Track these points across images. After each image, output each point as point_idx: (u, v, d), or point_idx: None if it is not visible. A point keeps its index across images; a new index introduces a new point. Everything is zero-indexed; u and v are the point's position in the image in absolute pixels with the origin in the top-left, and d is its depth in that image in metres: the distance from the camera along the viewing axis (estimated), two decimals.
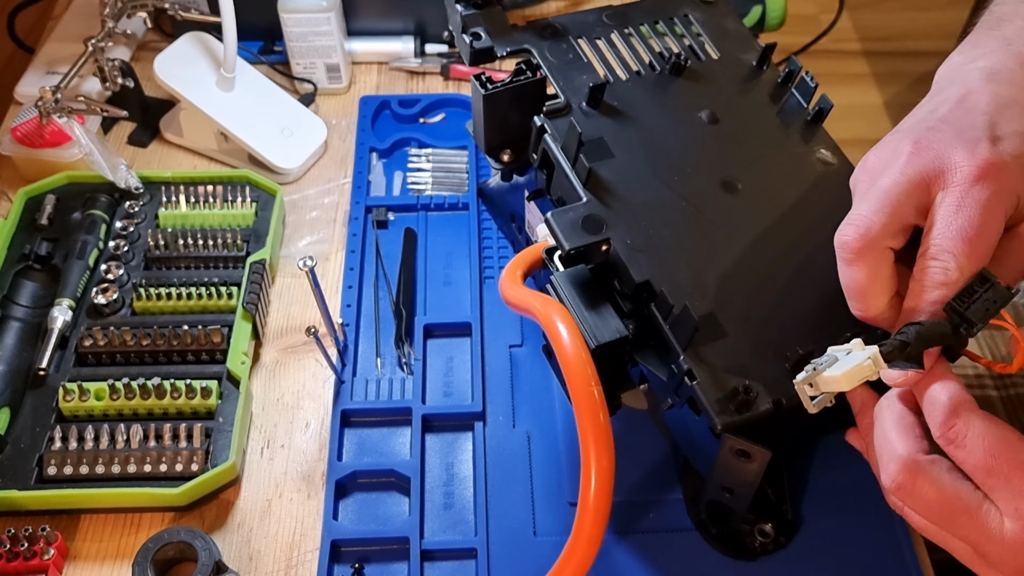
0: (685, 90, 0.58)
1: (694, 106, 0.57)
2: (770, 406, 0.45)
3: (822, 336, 0.47)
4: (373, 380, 0.65)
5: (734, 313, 0.49)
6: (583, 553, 0.46)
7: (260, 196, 0.73)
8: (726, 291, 0.49)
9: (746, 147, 0.56)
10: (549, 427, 0.63)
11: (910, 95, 1.88)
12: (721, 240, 0.52)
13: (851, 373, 0.41)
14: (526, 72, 0.58)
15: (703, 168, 0.54)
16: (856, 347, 0.42)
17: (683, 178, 0.54)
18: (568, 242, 0.49)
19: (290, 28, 0.81)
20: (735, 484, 0.51)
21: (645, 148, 0.55)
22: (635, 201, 0.52)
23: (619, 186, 0.53)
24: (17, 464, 0.58)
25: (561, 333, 0.47)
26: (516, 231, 0.69)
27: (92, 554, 0.58)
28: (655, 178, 0.53)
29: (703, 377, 0.46)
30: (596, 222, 0.50)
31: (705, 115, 0.57)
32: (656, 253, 0.50)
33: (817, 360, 0.43)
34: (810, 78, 0.57)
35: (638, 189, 0.53)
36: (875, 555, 0.57)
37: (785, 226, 0.53)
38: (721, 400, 0.45)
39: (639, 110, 0.57)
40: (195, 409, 0.61)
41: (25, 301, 0.67)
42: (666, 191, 0.53)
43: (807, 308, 0.50)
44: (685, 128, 0.56)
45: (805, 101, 0.58)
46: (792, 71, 0.58)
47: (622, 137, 0.55)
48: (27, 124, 0.75)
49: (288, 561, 0.57)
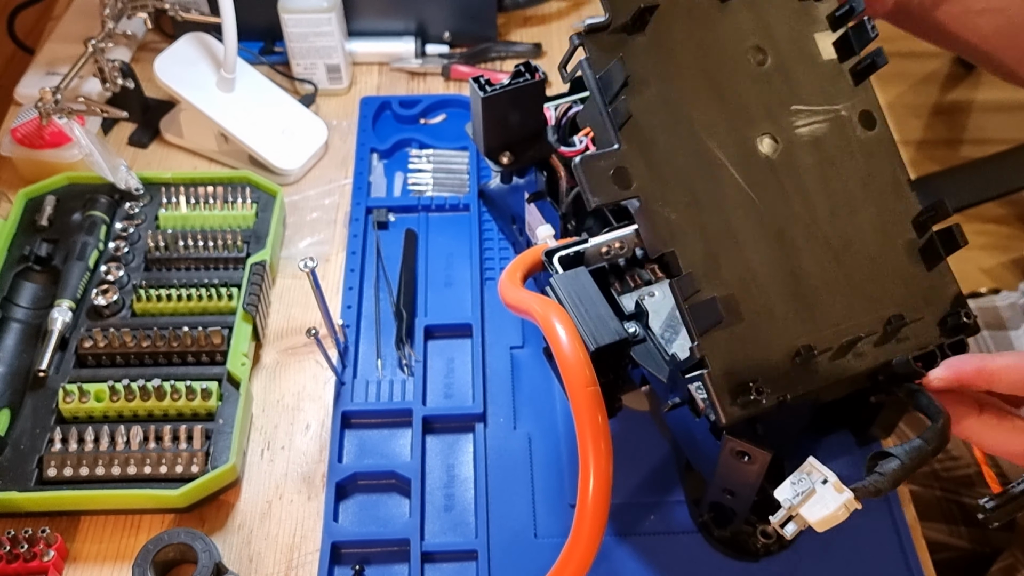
0: (736, 19, 0.51)
1: (744, 39, 0.51)
2: (775, 403, 0.45)
3: (827, 326, 0.47)
4: (374, 381, 0.65)
5: (752, 299, 0.46)
6: (582, 554, 0.45)
7: (260, 197, 0.73)
8: (747, 275, 0.47)
9: (791, 95, 0.51)
10: (550, 429, 0.63)
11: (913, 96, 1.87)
12: (751, 212, 0.48)
13: (826, 520, 0.43)
14: (525, 74, 0.58)
15: (746, 121, 0.49)
16: (834, 484, 0.43)
17: (722, 131, 0.49)
18: (596, 196, 0.44)
19: (290, 29, 0.81)
20: (736, 486, 0.51)
21: (686, 89, 0.49)
22: (669, 154, 0.47)
23: (655, 133, 0.47)
24: (17, 466, 0.58)
25: (559, 335, 0.47)
26: (517, 233, 0.69)
27: (92, 556, 0.58)
28: (692, 127, 0.48)
29: (714, 367, 0.44)
30: (627, 175, 0.45)
31: (753, 53, 0.51)
32: (684, 220, 0.46)
33: (794, 477, 0.43)
34: (870, 25, 0.51)
35: (673, 139, 0.47)
36: (876, 555, 0.57)
37: (816, 206, 0.49)
38: (730, 393, 0.44)
39: (685, 38, 0.50)
40: (195, 411, 0.61)
41: (25, 302, 0.67)
42: (702, 146, 0.48)
43: (825, 301, 0.48)
44: (731, 66, 0.50)
45: (859, 47, 0.52)
46: (852, 8, 0.52)
47: (663, 71, 0.48)
48: (27, 125, 0.75)
49: (288, 563, 0.57)
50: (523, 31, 0.92)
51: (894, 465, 0.44)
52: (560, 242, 0.55)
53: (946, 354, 0.49)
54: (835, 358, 0.47)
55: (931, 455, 0.44)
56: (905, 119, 1.76)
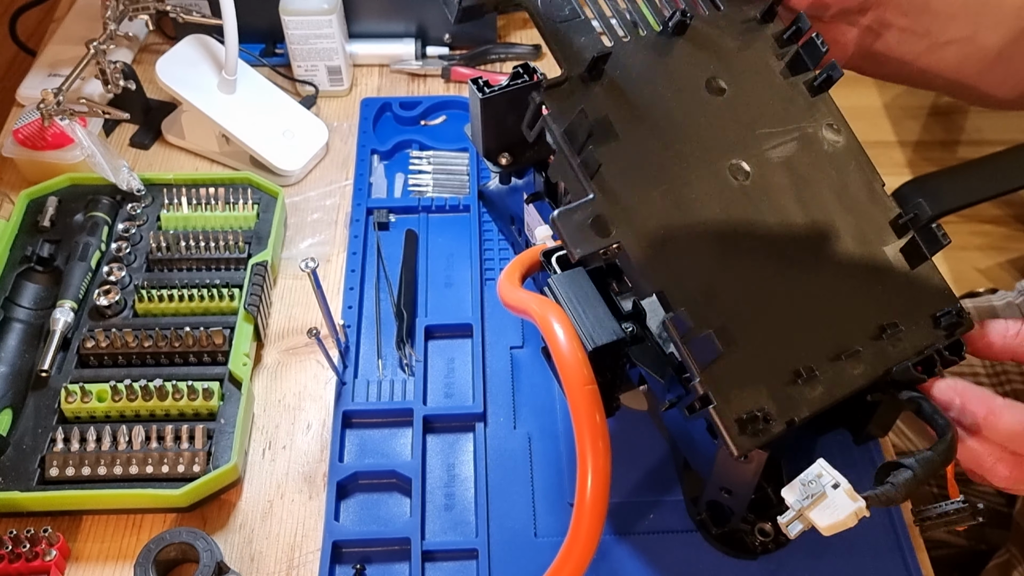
0: (689, 53, 0.52)
1: (699, 72, 0.52)
2: (784, 427, 0.45)
3: (825, 339, 0.47)
4: (374, 381, 0.65)
5: (742, 322, 0.47)
6: (580, 553, 0.46)
7: (262, 198, 0.73)
8: (736, 298, 0.47)
9: (753, 121, 0.52)
10: (550, 428, 0.63)
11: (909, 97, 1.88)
12: (732, 239, 0.48)
13: (835, 526, 0.43)
14: (523, 76, 0.58)
15: (711, 150, 0.50)
16: (846, 491, 0.43)
17: (692, 165, 0.49)
18: (578, 248, 0.45)
19: (291, 30, 0.81)
20: (734, 484, 0.51)
21: (649, 127, 0.50)
22: (644, 194, 0.48)
23: (627, 176, 0.48)
24: (19, 465, 0.59)
25: (557, 335, 0.47)
26: (516, 233, 0.70)
27: (94, 555, 0.58)
28: (662, 165, 0.49)
29: (720, 401, 0.44)
30: (605, 223, 0.46)
31: (712, 84, 0.52)
32: (667, 255, 0.47)
33: (803, 478, 0.44)
34: (820, 40, 0.53)
35: (646, 179, 0.48)
36: (875, 554, 0.57)
37: (793, 221, 0.50)
38: (738, 424, 0.44)
39: (642, 80, 0.51)
40: (197, 410, 0.61)
41: (27, 303, 0.67)
42: (675, 183, 0.48)
43: (811, 311, 0.48)
44: (691, 101, 0.51)
45: (812, 63, 0.53)
46: (800, 28, 0.54)
47: (625, 115, 0.49)
48: (29, 126, 0.75)
49: (290, 562, 0.58)
50: (523, 33, 0.93)
51: (906, 476, 0.44)
52: (558, 242, 0.55)
53: (944, 356, 0.49)
54: (836, 373, 0.47)
55: (940, 467, 0.45)
56: (901, 120, 1.76)
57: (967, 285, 0.98)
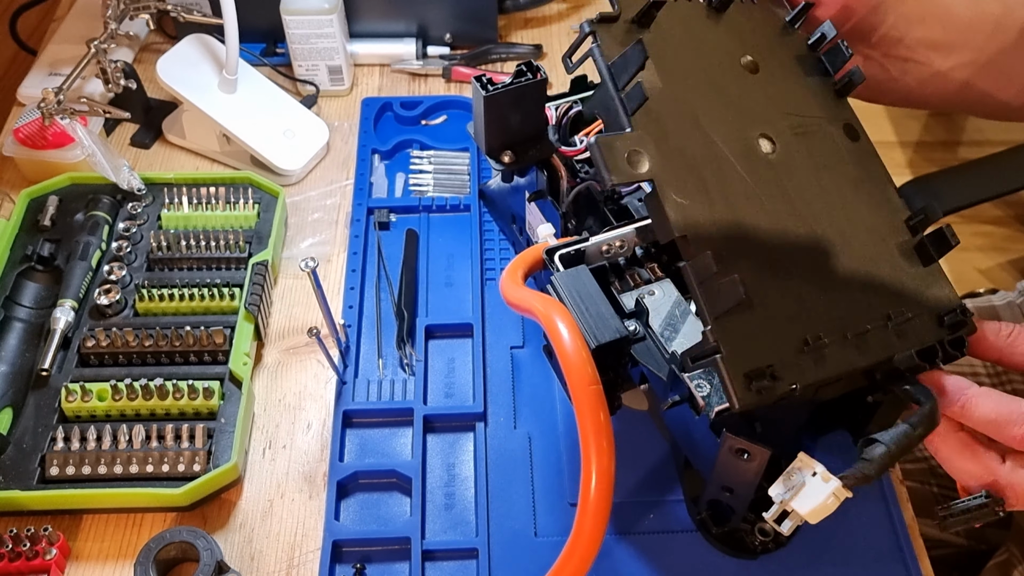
0: (729, 30, 0.54)
1: (737, 49, 0.53)
2: (787, 389, 0.44)
3: (832, 318, 0.47)
4: (375, 381, 0.65)
5: (762, 287, 0.46)
6: (583, 552, 0.46)
7: (262, 197, 0.73)
8: (759, 262, 0.47)
9: (781, 105, 0.53)
10: (550, 428, 0.63)
11: None
12: (753, 204, 0.48)
13: (817, 511, 0.43)
14: (527, 74, 0.58)
15: (743, 119, 0.51)
16: (821, 475, 0.43)
17: (724, 127, 0.50)
18: (613, 174, 0.45)
19: (292, 30, 0.81)
20: (735, 483, 0.51)
21: (688, 85, 0.50)
22: (678, 143, 0.48)
23: (663, 122, 0.48)
24: (19, 464, 0.59)
25: (561, 332, 0.47)
26: (517, 232, 0.70)
27: (94, 554, 0.58)
28: (696, 122, 0.49)
29: (728, 352, 0.44)
30: (640, 158, 0.46)
31: (745, 62, 0.53)
32: (695, 207, 0.46)
33: (786, 475, 0.44)
34: (845, 47, 0.54)
35: (681, 130, 0.49)
36: (874, 554, 0.57)
37: (812, 201, 0.50)
38: (744, 377, 0.43)
39: (685, 39, 0.52)
40: (197, 410, 0.61)
41: (28, 302, 0.67)
42: (706, 138, 0.49)
43: (829, 295, 0.48)
44: (727, 70, 0.52)
45: (833, 69, 0.55)
46: (825, 35, 0.55)
47: (667, 66, 0.50)
48: (30, 125, 0.75)
49: (290, 561, 0.58)
50: (524, 33, 0.93)
51: (880, 451, 0.44)
52: (561, 241, 0.55)
53: (947, 350, 0.49)
54: (842, 350, 0.47)
55: (918, 439, 0.44)
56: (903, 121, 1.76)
57: (968, 285, 0.98)
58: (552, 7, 0.94)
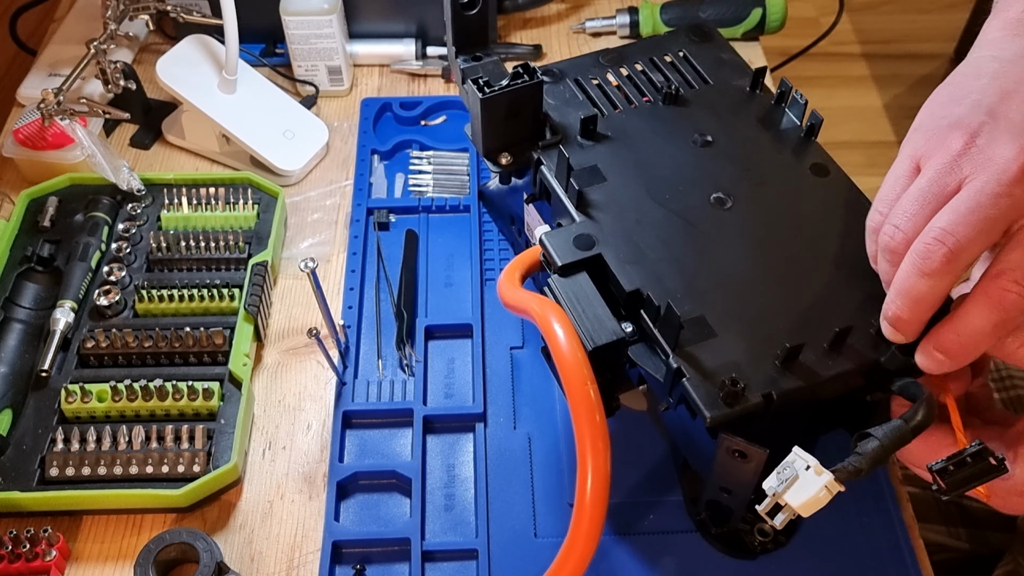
0: (679, 117, 0.60)
1: (687, 131, 0.59)
2: (760, 400, 0.46)
3: (809, 331, 0.48)
4: (374, 381, 0.65)
5: (724, 315, 0.50)
6: (580, 553, 0.46)
7: (262, 198, 0.73)
8: (716, 295, 0.51)
9: (739, 164, 0.58)
10: (550, 428, 0.63)
11: (910, 97, 1.88)
12: (712, 249, 0.53)
13: (808, 504, 0.43)
14: (523, 76, 0.58)
15: (695, 186, 0.56)
16: (814, 468, 0.43)
17: (675, 196, 0.56)
18: (560, 258, 0.52)
19: (292, 31, 0.81)
20: (733, 484, 0.51)
21: (638, 171, 0.57)
22: (627, 219, 0.54)
23: (612, 206, 0.55)
24: (19, 465, 0.59)
25: (557, 334, 0.47)
26: (516, 233, 0.70)
27: (94, 555, 0.58)
28: (647, 197, 0.55)
29: (692, 375, 0.47)
30: (588, 240, 0.53)
31: (698, 138, 0.59)
32: (647, 264, 0.52)
33: (780, 468, 0.44)
34: (799, 95, 0.59)
35: (630, 208, 0.55)
36: (874, 554, 0.57)
37: (775, 232, 0.54)
38: (711, 393, 0.46)
39: (633, 137, 0.59)
40: (197, 411, 0.61)
41: (27, 303, 0.67)
42: (658, 208, 0.55)
43: (796, 306, 0.50)
44: (678, 151, 0.58)
45: (797, 118, 0.60)
46: (783, 91, 0.60)
47: (616, 163, 0.57)
48: (29, 126, 0.75)
49: (290, 562, 0.58)
50: (523, 33, 0.93)
51: (872, 445, 0.44)
52: None
53: None
54: (821, 358, 0.48)
55: (911, 433, 0.44)
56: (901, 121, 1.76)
57: None
58: (551, 7, 0.94)
